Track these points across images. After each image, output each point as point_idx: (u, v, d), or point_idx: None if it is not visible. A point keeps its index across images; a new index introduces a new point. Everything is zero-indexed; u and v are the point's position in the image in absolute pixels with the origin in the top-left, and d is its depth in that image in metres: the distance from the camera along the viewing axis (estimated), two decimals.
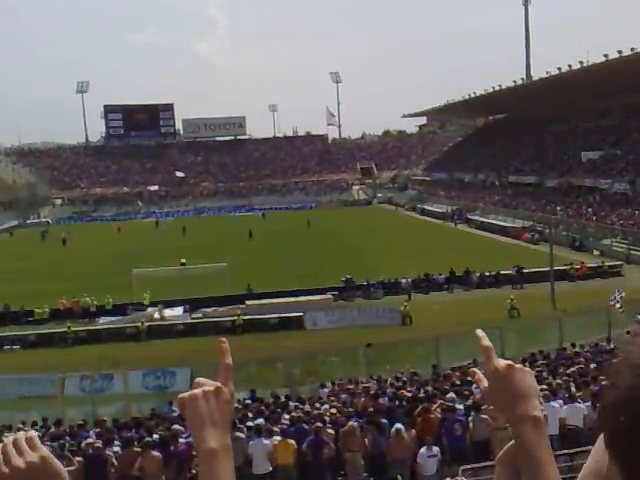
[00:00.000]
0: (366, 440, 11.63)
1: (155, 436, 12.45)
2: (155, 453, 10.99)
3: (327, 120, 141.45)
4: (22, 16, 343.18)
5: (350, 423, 11.82)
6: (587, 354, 18.77)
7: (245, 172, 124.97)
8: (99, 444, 11.66)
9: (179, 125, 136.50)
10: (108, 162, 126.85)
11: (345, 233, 67.96)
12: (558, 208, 62.14)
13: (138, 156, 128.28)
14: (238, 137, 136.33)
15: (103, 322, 36.57)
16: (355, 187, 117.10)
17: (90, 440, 12.68)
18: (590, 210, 58.54)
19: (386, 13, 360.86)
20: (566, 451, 11.05)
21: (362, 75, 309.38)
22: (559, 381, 13.58)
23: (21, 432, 1.34)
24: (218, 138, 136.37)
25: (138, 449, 11.18)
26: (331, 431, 11.82)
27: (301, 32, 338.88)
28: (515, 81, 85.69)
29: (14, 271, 52.23)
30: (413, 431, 11.70)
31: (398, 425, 11.50)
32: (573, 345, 20.63)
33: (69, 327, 33.82)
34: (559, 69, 71.49)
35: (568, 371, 15.27)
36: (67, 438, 13.83)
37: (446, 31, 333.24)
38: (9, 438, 1.29)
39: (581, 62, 67.71)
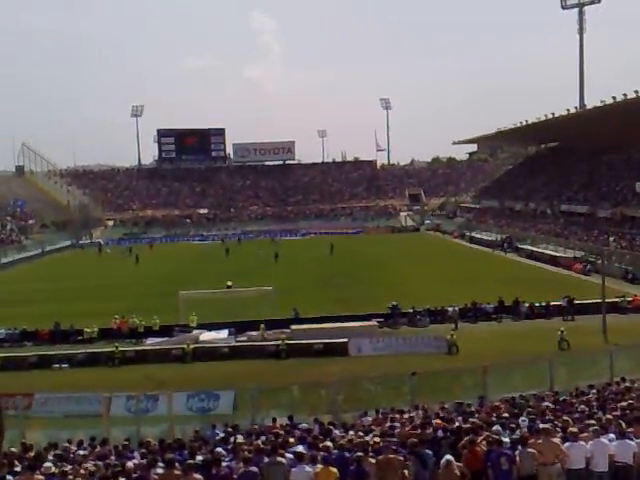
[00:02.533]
0: (406, 472, 11.41)
1: (198, 458, 12.45)
2: (197, 476, 10.95)
3: (376, 147, 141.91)
4: (79, 39, 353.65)
5: (387, 454, 11.60)
6: (638, 390, 18.20)
7: (293, 196, 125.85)
8: (144, 466, 11.71)
9: (229, 149, 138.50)
10: (159, 185, 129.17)
11: (392, 259, 67.73)
12: (611, 239, 60.83)
13: (188, 179, 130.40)
14: (287, 162, 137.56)
15: (150, 343, 36.97)
16: (403, 213, 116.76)
17: (135, 461, 12.75)
18: None
19: (437, 40, 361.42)
20: None
21: (412, 101, 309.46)
22: (609, 416, 13.17)
23: None
24: (267, 162, 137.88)
25: (178, 472, 11.18)
26: (373, 460, 11.64)
27: (352, 59, 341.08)
28: (569, 109, 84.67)
29: (67, 290, 53.36)
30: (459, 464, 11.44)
31: (448, 457, 11.24)
32: (623, 379, 20.04)
33: (116, 347, 34.28)
34: (614, 98, 70.40)
35: (618, 406, 14.83)
36: (112, 458, 13.93)
37: (498, 58, 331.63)
38: None
39: (636, 91, 66.53)
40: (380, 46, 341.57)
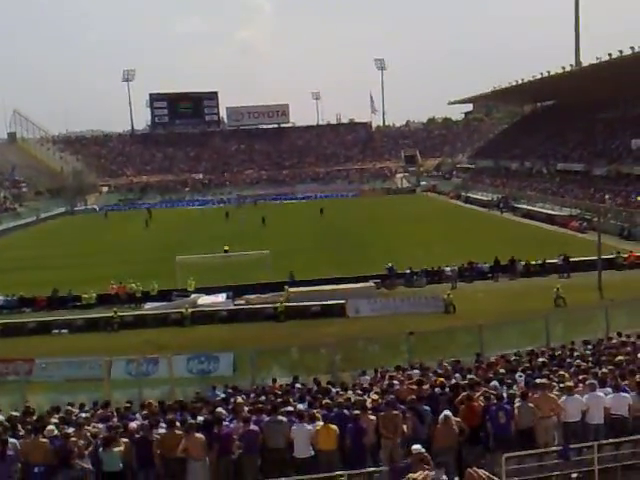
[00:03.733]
0: (405, 427, 11.57)
1: (199, 418, 12.62)
2: (199, 435, 11.11)
3: (371, 109, 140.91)
4: (69, 4, 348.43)
5: (389, 410, 11.76)
6: (634, 343, 18.38)
7: (288, 160, 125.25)
8: (145, 426, 11.85)
9: (223, 113, 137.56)
10: (153, 150, 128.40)
11: (388, 221, 67.77)
12: (607, 196, 60.92)
13: (182, 144, 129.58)
14: (281, 125, 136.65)
15: (148, 307, 37.12)
16: (399, 175, 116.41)
17: (137, 422, 12.90)
18: (639, 199, 57.21)
19: None
20: (612, 440, 10.90)
21: (407, 62, 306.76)
22: (605, 370, 13.34)
23: None
24: (262, 126, 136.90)
25: (180, 432, 11.33)
26: (373, 417, 11.81)
27: (344, 19, 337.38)
28: (564, 67, 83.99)
29: (64, 256, 53.37)
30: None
31: (446, 412, 11.40)
32: (619, 334, 20.23)
33: (115, 312, 34.41)
34: (609, 55, 69.77)
35: (614, 360, 15.00)
36: (114, 420, 14.09)
37: (494, 16, 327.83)
38: None
39: (632, 47, 65.93)
40: (374, 5, 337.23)
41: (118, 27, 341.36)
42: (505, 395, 12.11)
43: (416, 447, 7.95)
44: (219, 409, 13.30)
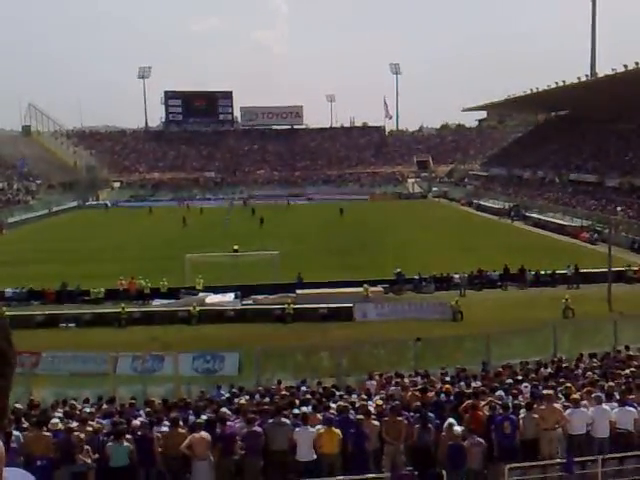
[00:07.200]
0: (409, 434, 11.53)
1: (203, 417, 12.62)
2: (204, 433, 11.13)
3: (385, 113, 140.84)
4: (86, 1, 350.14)
5: (394, 416, 11.72)
6: None
7: (300, 161, 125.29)
8: (146, 424, 11.87)
9: (237, 113, 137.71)
10: (166, 148, 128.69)
11: (398, 226, 67.63)
12: (618, 208, 60.58)
13: (195, 142, 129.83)
14: (295, 126, 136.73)
15: (156, 304, 37.16)
16: (410, 180, 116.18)
17: (140, 420, 12.91)
18: None
19: (448, 5, 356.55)
20: (616, 455, 10.81)
21: (422, 67, 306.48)
22: (611, 384, 13.24)
23: None
24: (275, 127, 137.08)
25: (183, 430, 11.34)
26: (376, 423, 11.77)
27: (361, 22, 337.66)
28: (579, 77, 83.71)
29: (74, 250, 53.53)
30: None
31: (451, 420, 11.37)
32: (627, 348, 20.09)
33: (123, 308, 34.47)
34: (625, 66, 69.48)
35: (621, 374, 14.89)
36: (117, 416, 14.11)
37: (510, 24, 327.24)
38: None
39: None
40: (391, 10, 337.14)
41: (135, 24, 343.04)
42: (511, 405, 12.05)
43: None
44: (223, 409, 13.30)
